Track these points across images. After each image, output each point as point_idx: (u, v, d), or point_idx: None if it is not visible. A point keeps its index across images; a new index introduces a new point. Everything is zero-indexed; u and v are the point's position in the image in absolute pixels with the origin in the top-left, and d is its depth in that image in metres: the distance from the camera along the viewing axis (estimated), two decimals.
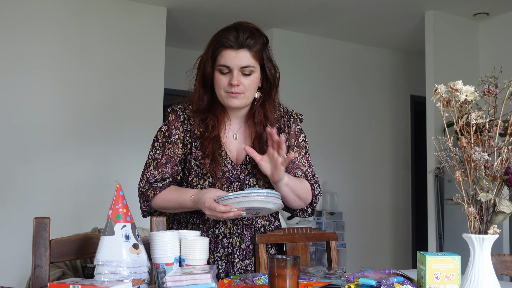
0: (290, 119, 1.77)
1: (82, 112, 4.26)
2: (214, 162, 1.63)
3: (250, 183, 1.68)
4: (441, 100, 1.10)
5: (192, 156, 1.67)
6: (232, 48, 1.59)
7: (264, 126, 1.67)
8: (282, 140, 1.52)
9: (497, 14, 4.88)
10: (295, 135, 1.76)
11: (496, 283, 1.07)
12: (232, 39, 1.59)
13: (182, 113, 1.70)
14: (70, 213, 4.09)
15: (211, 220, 1.67)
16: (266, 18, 4.94)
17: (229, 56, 1.59)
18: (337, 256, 1.85)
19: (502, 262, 1.71)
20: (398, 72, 6.07)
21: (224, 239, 1.67)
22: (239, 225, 1.69)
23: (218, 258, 1.66)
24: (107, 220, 1.24)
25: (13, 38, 4.05)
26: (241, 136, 1.72)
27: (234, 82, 1.59)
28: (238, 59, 1.59)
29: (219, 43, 1.61)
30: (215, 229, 1.67)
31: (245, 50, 1.60)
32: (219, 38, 1.62)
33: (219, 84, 1.63)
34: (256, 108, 1.69)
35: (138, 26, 4.58)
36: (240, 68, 1.60)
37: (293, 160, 1.73)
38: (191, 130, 1.68)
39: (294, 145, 1.76)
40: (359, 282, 1.27)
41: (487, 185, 1.06)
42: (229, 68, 1.60)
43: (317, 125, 5.31)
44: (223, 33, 1.62)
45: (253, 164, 1.68)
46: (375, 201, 5.76)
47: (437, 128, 4.72)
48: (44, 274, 1.38)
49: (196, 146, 1.66)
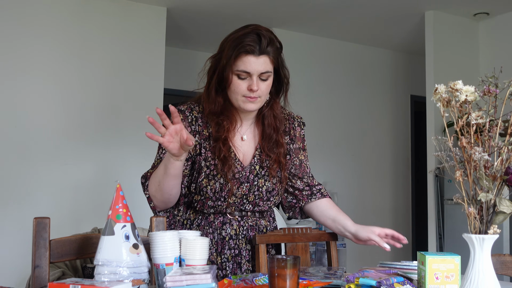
0: (294, 122, 1.81)
1: (82, 112, 4.26)
2: (226, 164, 1.63)
3: (259, 184, 1.68)
4: (441, 100, 1.10)
5: (201, 157, 1.65)
6: (254, 54, 1.58)
7: (274, 127, 1.71)
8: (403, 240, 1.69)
9: (497, 14, 4.88)
10: (301, 138, 1.82)
11: (496, 283, 1.07)
12: (254, 45, 1.57)
13: (190, 114, 1.68)
14: (70, 213, 4.09)
15: (217, 221, 1.68)
16: (266, 18, 4.94)
17: (249, 62, 1.58)
18: (337, 256, 1.85)
19: (502, 262, 1.71)
20: (398, 72, 6.06)
21: (230, 241, 1.68)
22: (244, 226, 1.70)
23: (226, 260, 1.67)
24: (107, 220, 1.24)
25: (13, 38, 4.05)
26: (249, 137, 1.72)
27: (255, 87, 1.59)
28: (258, 65, 1.58)
29: (241, 48, 1.58)
30: (221, 231, 1.67)
31: (265, 56, 1.59)
32: (240, 42, 1.58)
33: (237, 89, 1.60)
34: (266, 110, 1.71)
35: (138, 26, 4.58)
36: (260, 73, 1.60)
37: (301, 163, 1.81)
38: (200, 131, 1.67)
39: (301, 148, 1.81)
40: (359, 282, 1.26)
41: (487, 185, 1.06)
42: (249, 73, 1.59)
43: (317, 125, 5.31)
44: (244, 38, 1.59)
45: (261, 165, 1.69)
46: (375, 201, 5.76)
47: (437, 128, 4.71)
48: (44, 274, 1.38)
49: (206, 147, 1.66)
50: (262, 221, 1.75)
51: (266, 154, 1.70)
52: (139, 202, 2.69)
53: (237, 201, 1.67)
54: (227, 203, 1.65)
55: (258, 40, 1.58)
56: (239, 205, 1.68)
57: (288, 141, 1.78)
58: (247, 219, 1.71)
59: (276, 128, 1.71)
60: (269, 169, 1.69)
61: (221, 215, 1.68)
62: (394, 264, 1.48)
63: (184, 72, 5.78)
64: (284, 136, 1.76)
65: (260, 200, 1.70)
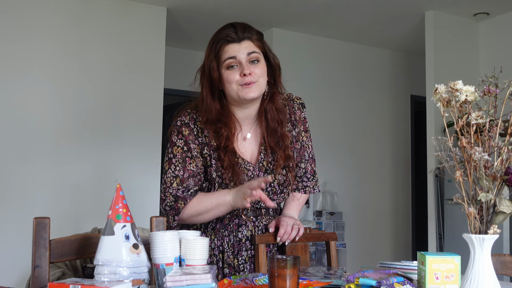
0: (294, 105, 1.79)
1: (82, 112, 4.26)
2: (235, 173, 1.63)
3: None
4: (441, 100, 1.10)
5: (212, 168, 1.65)
6: (234, 41, 1.60)
7: (278, 120, 1.69)
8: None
9: (497, 14, 4.88)
10: (302, 121, 1.80)
11: (496, 283, 1.07)
12: (232, 34, 1.60)
13: (194, 125, 1.66)
14: (70, 213, 4.09)
15: (232, 224, 1.68)
16: (266, 18, 4.94)
17: (232, 49, 1.60)
18: (336, 256, 1.85)
19: (502, 262, 1.71)
20: (398, 72, 6.06)
21: (247, 242, 1.68)
22: (259, 226, 1.70)
23: (243, 261, 1.67)
24: (107, 220, 1.24)
25: (13, 38, 4.05)
26: (253, 135, 1.72)
27: (247, 71, 1.59)
28: (242, 48, 1.60)
29: (220, 40, 1.61)
30: (237, 233, 1.67)
31: (247, 41, 1.62)
32: (219, 36, 1.62)
33: (230, 80, 1.60)
34: (267, 104, 1.69)
35: (138, 26, 4.58)
36: (247, 55, 1.60)
37: (302, 143, 1.79)
38: (207, 142, 1.66)
39: (302, 130, 1.79)
40: (359, 282, 1.26)
41: (487, 185, 1.06)
42: (236, 59, 1.59)
43: (317, 125, 5.30)
44: (220, 31, 1.63)
45: (267, 160, 1.69)
46: (375, 201, 5.76)
47: (437, 128, 4.71)
48: (44, 274, 1.38)
49: (215, 158, 1.65)
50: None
51: (271, 149, 1.69)
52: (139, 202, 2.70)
53: (252, 201, 1.66)
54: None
55: (234, 29, 1.61)
56: (255, 204, 1.68)
57: (290, 128, 1.77)
58: (261, 219, 1.71)
59: (279, 121, 1.70)
60: (276, 163, 1.68)
61: (236, 217, 1.68)
62: (394, 264, 1.48)
63: (184, 72, 5.75)
64: (287, 124, 1.75)
65: (274, 194, 1.70)
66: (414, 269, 1.43)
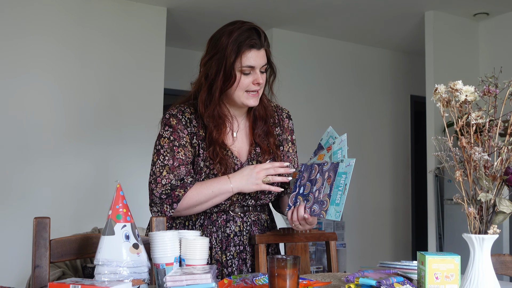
0: (282, 113, 1.82)
1: (82, 112, 4.26)
2: (224, 164, 1.63)
3: None
4: (441, 100, 1.10)
5: (200, 158, 1.65)
6: (256, 47, 1.61)
7: (264, 117, 1.72)
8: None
9: (497, 14, 4.88)
10: (290, 131, 1.82)
11: (496, 283, 1.07)
12: (256, 39, 1.60)
13: (182, 116, 1.67)
14: (70, 213, 4.09)
15: (220, 220, 1.67)
16: (266, 18, 4.94)
17: (253, 56, 1.60)
18: (336, 256, 1.85)
19: (502, 262, 1.71)
20: (398, 72, 6.06)
21: (235, 237, 1.68)
22: (248, 221, 1.70)
23: (231, 257, 1.67)
24: (107, 220, 1.24)
25: (13, 38, 4.05)
26: (242, 134, 1.73)
27: (261, 80, 1.62)
28: (260, 58, 1.62)
29: (244, 42, 1.59)
30: (225, 229, 1.67)
31: (264, 50, 1.64)
32: (245, 38, 1.59)
33: (241, 86, 1.61)
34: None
35: (138, 26, 4.58)
36: (261, 66, 1.63)
37: (288, 155, 1.80)
38: (196, 132, 1.66)
39: (289, 140, 1.81)
40: (359, 282, 1.26)
41: (487, 185, 1.06)
42: (253, 68, 1.61)
43: (317, 125, 5.30)
44: (246, 34, 1.60)
45: (257, 159, 1.70)
46: (375, 201, 5.76)
47: (437, 128, 4.72)
48: (44, 274, 1.38)
49: (204, 147, 1.65)
50: (262, 215, 1.75)
51: (257, 144, 1.71)
52: (139, 202, 2.70)
53: (240, 198, 1.67)
54: (231, 201, 1.66)
55: (258, 35, 1.62)
56: (242, 201, 1.68)
57: (279, 132, 1.79)
58: (250, 215, 1.71)
59: (266, 117, 1.73)
60: (262, 158, 1.70)
61: (223, 213, 1.68)
62: (394, 264, 1.48)
63: (184, 72, 5.76)
64: (275, 128, 1.77)
65: (262, 193, 1.70)
66: (414, 269, 1.43)
